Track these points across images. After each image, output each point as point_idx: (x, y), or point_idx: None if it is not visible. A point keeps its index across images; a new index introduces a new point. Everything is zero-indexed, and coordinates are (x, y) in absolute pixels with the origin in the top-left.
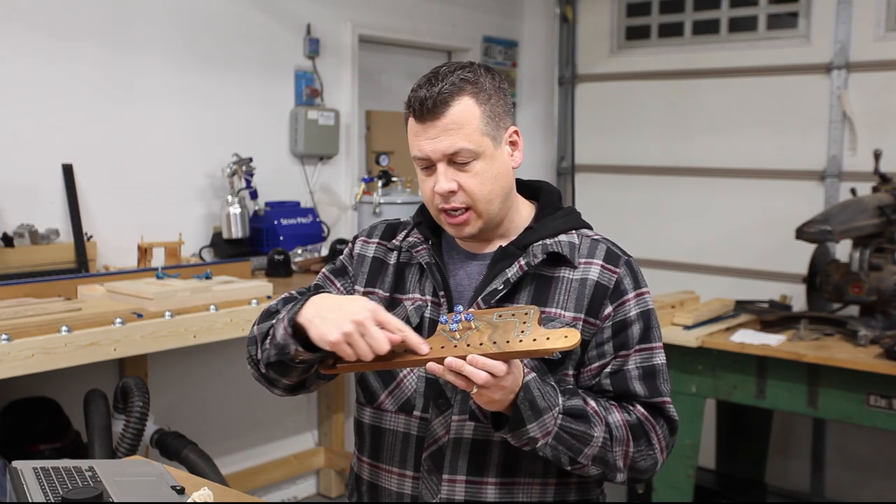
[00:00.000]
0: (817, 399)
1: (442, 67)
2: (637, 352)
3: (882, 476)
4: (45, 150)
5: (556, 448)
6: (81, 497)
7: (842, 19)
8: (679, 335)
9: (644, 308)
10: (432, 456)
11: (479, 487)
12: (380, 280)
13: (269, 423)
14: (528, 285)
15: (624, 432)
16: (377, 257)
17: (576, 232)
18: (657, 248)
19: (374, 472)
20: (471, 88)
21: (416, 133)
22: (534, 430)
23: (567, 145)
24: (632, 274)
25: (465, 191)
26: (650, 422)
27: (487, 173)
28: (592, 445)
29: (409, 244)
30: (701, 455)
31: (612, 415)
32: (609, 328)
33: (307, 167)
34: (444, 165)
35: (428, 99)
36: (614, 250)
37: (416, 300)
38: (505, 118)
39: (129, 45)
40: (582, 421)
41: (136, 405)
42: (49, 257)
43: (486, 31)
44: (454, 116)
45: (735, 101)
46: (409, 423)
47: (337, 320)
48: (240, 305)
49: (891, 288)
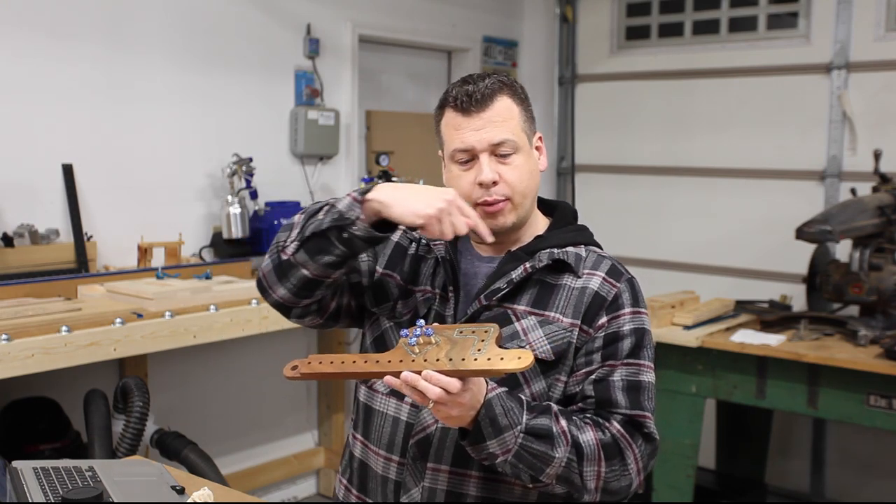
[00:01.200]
0: (817, 399)
1: (473, 74)
2: (625, 364)
3: (882, 476)
4: (45, 150)
5: (515, 466)
6: (81, 497)
7: (842, 19)
8: (679, 335)
9: (639, 325)
10: (419, 443)
11: (462, 479)
12: (398, 267)
13: (269, 423)
14: (531, 288)
15: (596, 451)
16: (400, 243)
17: (584, 247)
18: (657, 248)
19: (364, 450)
20: (509, 90)
21: (457, 126)
22: (493, 447)
23: (567, 145)
24: (632, 291)
25: (505, 182)
26: (626, 440)
27: (525, 168)
28: (554, 465)
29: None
30: (701, 455)
31: (584, 433)
32: (601, 338)
33: (307, 167)
34: (487, 156)
35: (475, 93)
36: (618, 268)
37: (427, 292)
38: (533, 123)
39: (129, 45)
40: (545, 441)
41: (136, 405)
42: (49, 257)
43: (486, 31)
44: (499, 109)
45: (735, 101)
46: (400, 408)
47: (428, 199)
48: (240, 305)
49: (891, 288)
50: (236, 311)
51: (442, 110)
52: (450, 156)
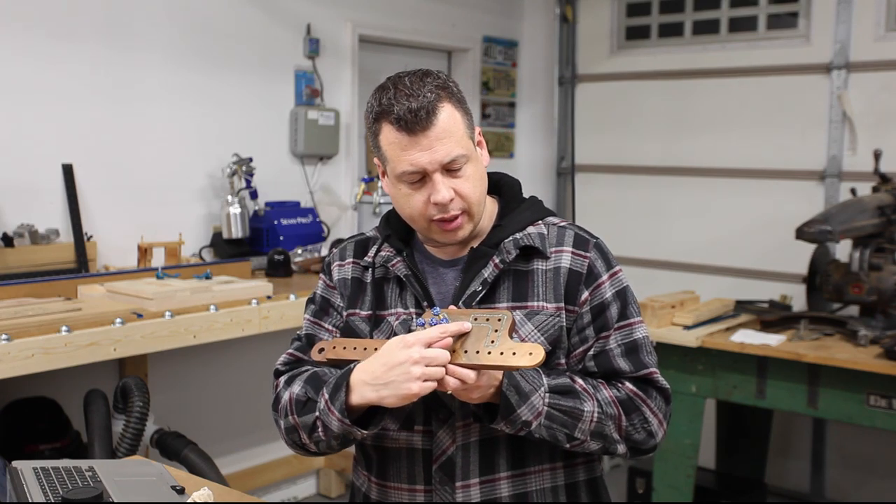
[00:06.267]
0: (817, 399)
1: (405, 77)
2: (617, 330)
3: (882, 476)
4: (45, 150)
5: (550, 427)
6: (81, 497)
7: (842, 19)
8: (679, 335)
9: (619, 287)
10: (443, 467)
11: (494, 485)
12: (360, 300)
13: (269, 423)
14: (506, 282)
15: (615, 409)
16: (356, 277)
17: (542, 222)
18: (657, 248)
19: (381, 490)
20: (445, 94)
21: (403, 147)
22: (525, 414)
23: (567, 145)
24: (602, 256)
25: (461, 196)
26: (640, 396)
27: (476, 175)
28: (585, 420)
29: (382, 259)
30: (701, 455)
31: (600, 392)
32: (588, 313)
33: (307, 167)
34: (440, 175)
35: (419, 109)
36: (582, 235)
37: (401, 314)
38: (471, 120)
39: (128, 45)
40: (570, 396)
41: (136, 405)
42: (49, 257)
43: (486, 31)
44: (444, 125)
45: (735, 101)
46: (412, 438)
47: (399, 377)
48: (240, 305)
49: (891, 288)
50: (236, 311)
51: (378, 123)
52: (397, 176)
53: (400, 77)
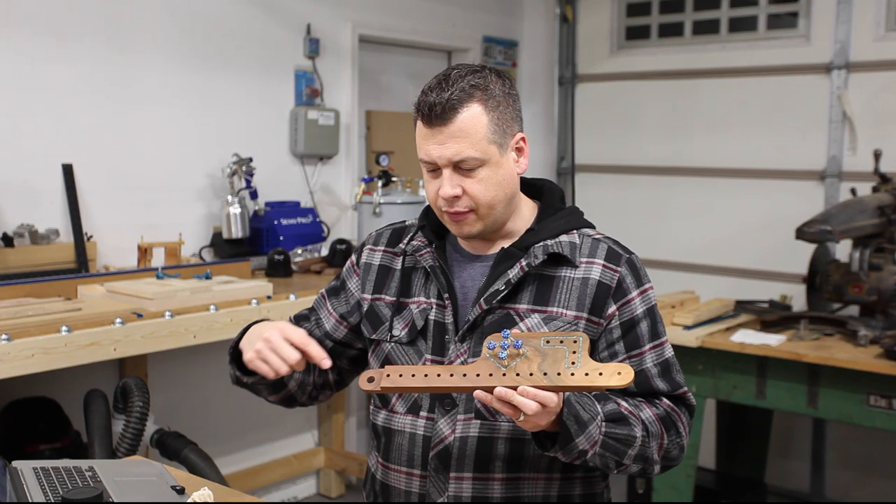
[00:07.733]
0: (817, 399)
1: (453, 71)
2: (651, 349)
3: (882, 476)
4: (45, 150)
5: (603, 455)
6: (81, 497)
7: (842, 19)
8: (679, 335)
9: (649, 305)
10: (439, 455)
11: (486, 484)
12: (386, 286)
13: (269, 423)
14: (530, 285)
15: (658, 427)
16: (383, 265)
17: (577, 232)
18: (657, 248)
19: (385, 471)
20: (480, 95)
21: (423, 137)
22: (582, 443)
23: (567, 145)
24: (633, 272)
25: (469, 196)
26: (676, 412)
27: (492, 180)
28: (634, 446)
29: (413, 248)
30: (701, 455)
31: (643, 411)
32: (618, 328)
33: (307, 167)
34: (450, 171)
35: (437, 105)
36: (616, 249)
37: (422, 303)
38: (512, 125)
39: (128, 45)
40: (623, 424)
41: (136, 405)
42: (49, 257)
43: (486, 31)
44: (462, 124)
45: (735, 101)
46: (416, 423)
47: (252, 341)
48: (240, 305)
49: (891, 288)
50: (236, 311)
51: (416, 111)
52: (420, 161)
53: (450, 69)
